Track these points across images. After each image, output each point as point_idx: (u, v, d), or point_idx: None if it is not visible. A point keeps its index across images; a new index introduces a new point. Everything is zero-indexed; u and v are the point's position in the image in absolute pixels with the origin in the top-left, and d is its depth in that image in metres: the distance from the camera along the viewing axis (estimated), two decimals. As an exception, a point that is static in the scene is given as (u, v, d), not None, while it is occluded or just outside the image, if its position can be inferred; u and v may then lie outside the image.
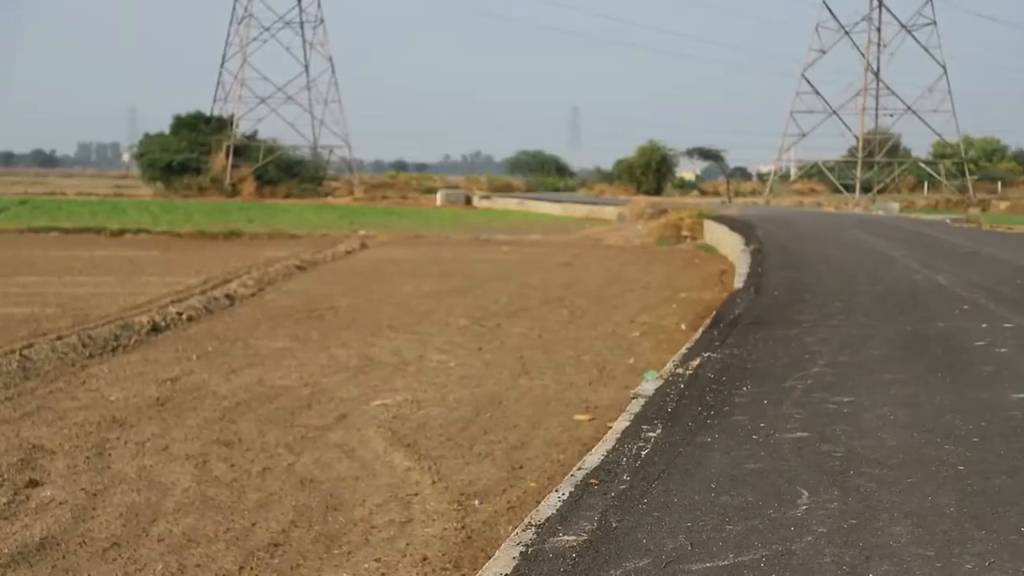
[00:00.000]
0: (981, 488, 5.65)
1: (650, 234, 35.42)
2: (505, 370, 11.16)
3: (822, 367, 9.48)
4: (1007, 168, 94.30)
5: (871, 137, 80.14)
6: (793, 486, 5.78)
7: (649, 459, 6.44)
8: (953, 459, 6.26)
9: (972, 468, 6.05)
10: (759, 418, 7.48)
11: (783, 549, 4.79)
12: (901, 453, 6.42)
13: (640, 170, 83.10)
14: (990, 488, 5.64)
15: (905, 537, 4.90)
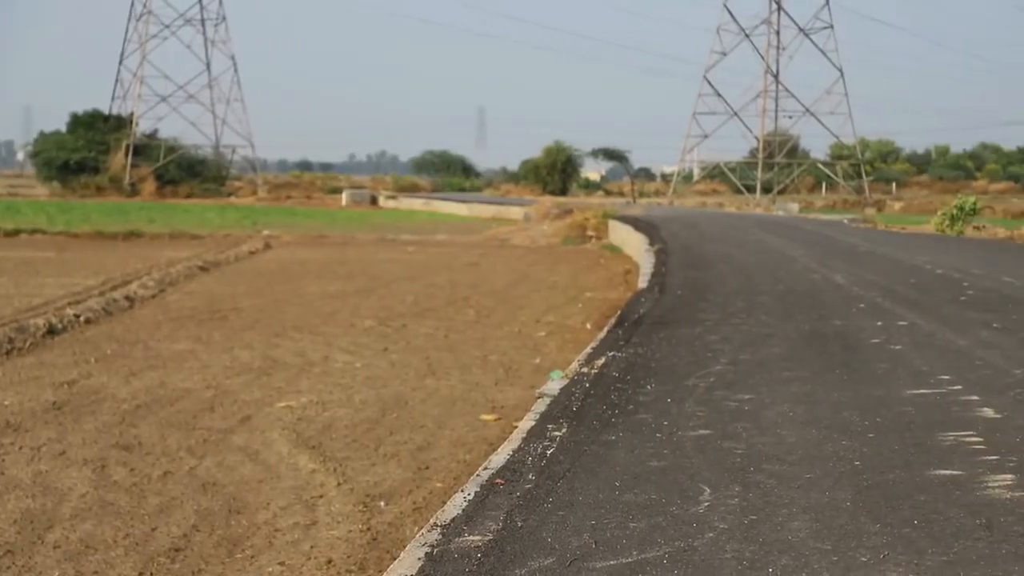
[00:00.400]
0: (876, 482, 5.78)
1: (556, 234, 35.61)
2: (411, 370, 11.13)
3: (724, 365, 9.62)
4: (901, 169, 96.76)
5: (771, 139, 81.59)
6: (696, 483, 5.86)
7: (554, 458, 6.48)
8: (850, 455, 6.40)
9: (868, 463, 6.19)
10: (663, 416, 7.57)
11: (686, 546, 4.86)
12: (800, 449, 6.55)
13: (546, 170, 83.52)
14: (885, 482, 5.78)
15: (804, 532, 5.00)
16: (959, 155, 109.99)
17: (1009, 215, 49.23)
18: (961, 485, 5.68)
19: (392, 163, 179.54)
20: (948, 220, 33.92)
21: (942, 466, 6.07)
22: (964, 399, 7.90)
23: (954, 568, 4.47)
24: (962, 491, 5.57)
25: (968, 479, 5.79)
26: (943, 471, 5.97)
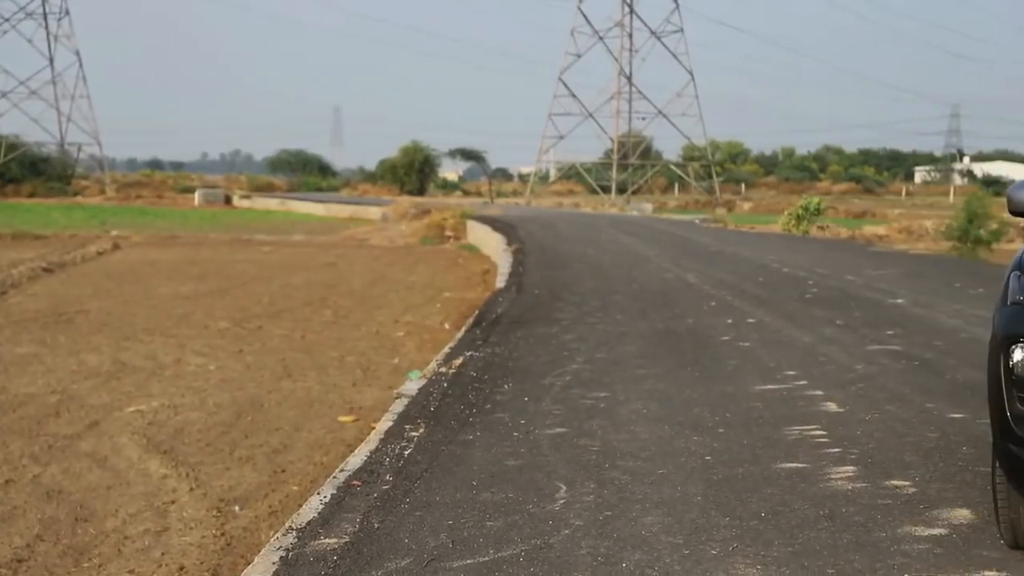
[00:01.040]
0: (726, 477, 5.93)
1: (414, 234, 35.52)
2: (267, 372, 10.97)
3: (580, 364, 9.74)
4: (750, 170, 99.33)
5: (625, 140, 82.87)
6: (552, 481, 5.92)
7: (412, 459, 6.47)
8: (701, 450, 6.55)
9: (718, 458, 6.35)
10: (520, 415, 7.63)
11: (542, 543, 4.90)
12: (653, 445, 6.67)
13: (403, 170, 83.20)
14: (734, 476, 5.93)
15: (656, 527, 5.10)
16: (804, 157, 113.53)
17: (851, 215, 50.96)
18: (806, 478, 5.87)
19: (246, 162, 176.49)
20: (794, 220, 34.95)
21: (788, 459, 6.26)
22: (809, 394, 8.16)
23: (799, 558, 4.61)
24: (807, 483, 5.75)
25: (812, 471, 5.99)
26: (789, 464, 6.16)
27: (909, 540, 4.78)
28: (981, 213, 25.81)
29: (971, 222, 25.82)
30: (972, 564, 4.47)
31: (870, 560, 4.55)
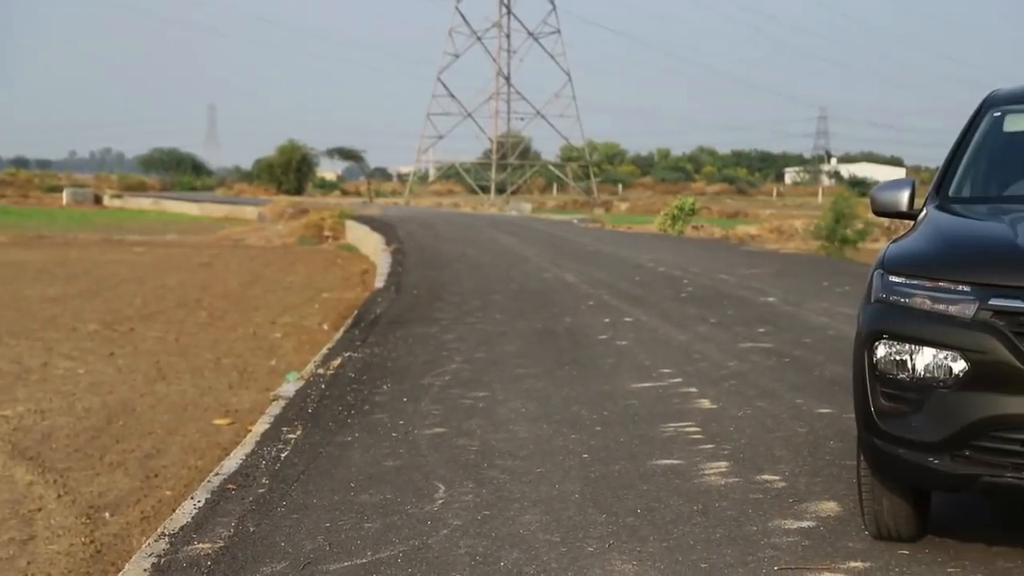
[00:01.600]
0: (603, 474, 6.00)
1: (291, 234, 35.10)
2: (139, 376, 10.72)
3: (460, 364, 9.75)
4: (627, 171, 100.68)
5: (504, 140, 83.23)
6: (430, 481, 5.92)
7: (288, 461, 6.40)
8: (579, 448, 6.61)
9: (595, 456, 6.42)
10: (398, 415, 7.60)
11: (420, 544, 4.90)
12: (531, 444, 6.72)
13: (280, 169, 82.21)
14: (611, 474, 6.01)
15: (534, 525, 5.13)
16: (679, 158, 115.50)
17: (724, 215, 52.01)
18: (681, 474, 5.97)
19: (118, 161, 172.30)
20: (670, 220, 35.51)
21: (663, 456, 6.36)
22: (684, 391, 8.30)
23: (673, 553, 4.69)
24: (681, 479, 5.85)
25: (687, 468, 6.09)
26: (664, 461, 6.26)
27: (779, 533, 4.90)
28: (847, 213, 26.59)
29: (838, 222, 26.58)
30: (838, 555, 4.60)
31: (741, 553, 4.65)
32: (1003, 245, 4.38)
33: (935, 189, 5.32)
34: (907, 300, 4.39)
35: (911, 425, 4.30)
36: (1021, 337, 4.06)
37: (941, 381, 4.22)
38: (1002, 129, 5.55)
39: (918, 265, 4.47)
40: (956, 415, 4.17)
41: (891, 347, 4.37)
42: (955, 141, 5.50)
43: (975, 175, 5.43)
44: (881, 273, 4.57)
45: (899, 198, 5.29)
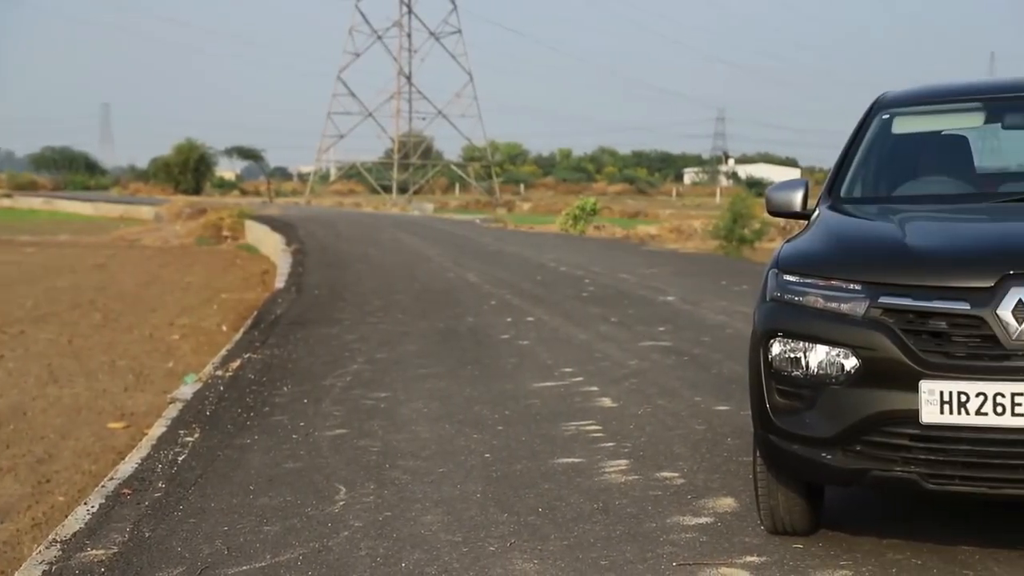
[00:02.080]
0: (505, 473, 6.02)
1: (189, 234, 34.55)
2: (31, 379, 10.46)
3: (361, 364, 9.70)
4: (529, 171, 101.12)
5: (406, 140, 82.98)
6: (332, 483, 5.87)
7: (186, 465, 6.30)
8: (480, 448, 6.62)
9: (497, 455, 6.43)
10: (299, 417, 7.53)
11: (320, 546, 4.86)
12: (433, 444, 6.70)
13: (178, 169, 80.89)
14: (512, 473, 6.02)
15: (436, 525, 5.12)
16: (581, 158, 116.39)
17: (625, 215, 52.53)
18: (582, 472, 6.01)
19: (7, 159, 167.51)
20: (571, 220, 35.75)
21: (565, 455, 6.40)
22: (585, 390, 8.36)
23: (574, 551, 4.72)
24: (583, 477, 5.89)
25: (588, 466, 6.14)
26: (566, 459, 6.29)
27: (677, 529, 4.97)
28: (744, 213, 27.06)
29: (735, 222, 27.04)
30: (735, 550, 4.67)
31: (641, 550, 4.70)
32: (892, 245, 4.50)
33: (827, 190, 5.43)
34: (800, 299, 4.47)
35: (805, 421, 4.39)
36: (909, 334, 4.16)
37: (833, 378, 4.31)
38: (891, 131, 5.69)
39: (811, 264, 4.56)
40: (848, 411, 4.26)
41: (785, 345, 4.44)
42: (846, 143, 5.63)
43: (865, 176, 5.56)
44: (775, 272, 4.65)
45: (793, 198, 5.40)
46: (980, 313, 4.07)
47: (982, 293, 4.09)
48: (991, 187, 5.53)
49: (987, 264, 4.17)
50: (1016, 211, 4.89)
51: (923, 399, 4.08)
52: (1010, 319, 4.02)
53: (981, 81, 6.33)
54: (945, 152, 5.74)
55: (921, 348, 4.13)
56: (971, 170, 5.62)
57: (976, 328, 4.08)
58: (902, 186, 5.54)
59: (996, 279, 4.09)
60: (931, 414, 4.07)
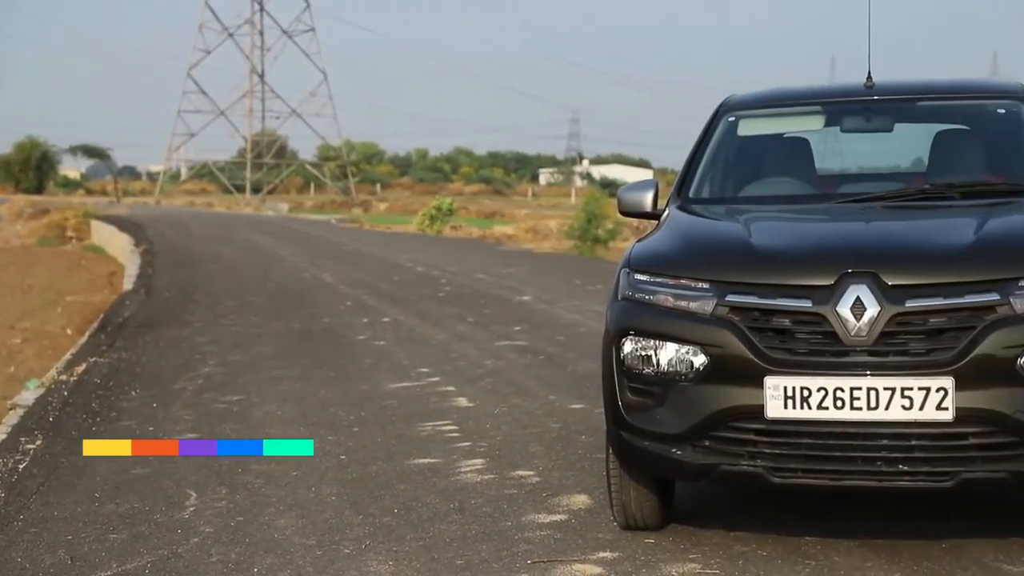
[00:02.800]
0: (360, 475, 5.97)
1: (31, 235, 33.37)
2: None
3: (213, 367, 9.51)
4: (385, 171, 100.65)
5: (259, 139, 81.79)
6: (182, 488, 5.74)
7: (27, 472, 6.08)
8: (336, 449, 6.56)
9: (352, 457, 6.38)
10: (148, 422, 7.35)
11: (169, 553, 4.75)
12: (287, 447, 6.61)
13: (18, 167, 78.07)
14: (368, 474, 5.98)
15: (289, 529, 5.06)
16: (437, 158, 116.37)
17: (481, 215, 52.73)
18: (438, 472, 6.01)
19: None
20: (428, 220, 35.75)
21: (421, 455, 6.39)
22: (441, 390, 8.36)
23: (429, 551, 4.72)
24: (439, 478, 5.89)
25: (444, 466, 6.13)
26: (422, 460, 6.28)
27: (532, 527, 5.00)
28: (598, 214, 27.47)
29: (590, 222, 27.43)
30: (588, 546, 4.73)
31: (496, 549, 4.72)
32: (738, 245, 4.61)
33: (676, 190, 5.54)
34: (651, 297, 4.55)
35: (656, 418, 4.46)
36: (755, 332, 4.27)
37: (683, 375, 4.40)
38: (736, 133, 5.83)
39: (661, 264, 4.64)
40: (697, 407, 4.35)
41: (637, 343, 4.51)
42: (694, 145, 5.75)
43: (713, 177, 5.69)
44: (627, 271, 4.72)
45: (643, 199, 5.49)
46: (821, 310, 4.20)
47: (823, 291, 4.23)
48: (831, 188, 5.72)
49: (827, 263, 4.31)
50: (855, 212, 5.07)
51: (768, 395, 4.20)
52: (849, 316, 4.16)
53: (822, 85, 6.55)
54: (788, 154, 5.92)
55: (766, 345, 4.25)
56: (812, 172, 5.81)
57: (817, 325, 4.21)
58: (748, 187, 5.68)
59: (835, 277, 4.23)
60: (775, 409, 4.19)
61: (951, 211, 4.95)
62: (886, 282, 4.19)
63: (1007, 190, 5.21)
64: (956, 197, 5.07)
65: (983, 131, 5.76)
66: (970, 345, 4.08)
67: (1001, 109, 5.70)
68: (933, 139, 5.72)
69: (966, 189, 5.15)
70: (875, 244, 4.52)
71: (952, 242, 4.38)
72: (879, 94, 5.75)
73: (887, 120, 5.87)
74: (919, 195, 5.13)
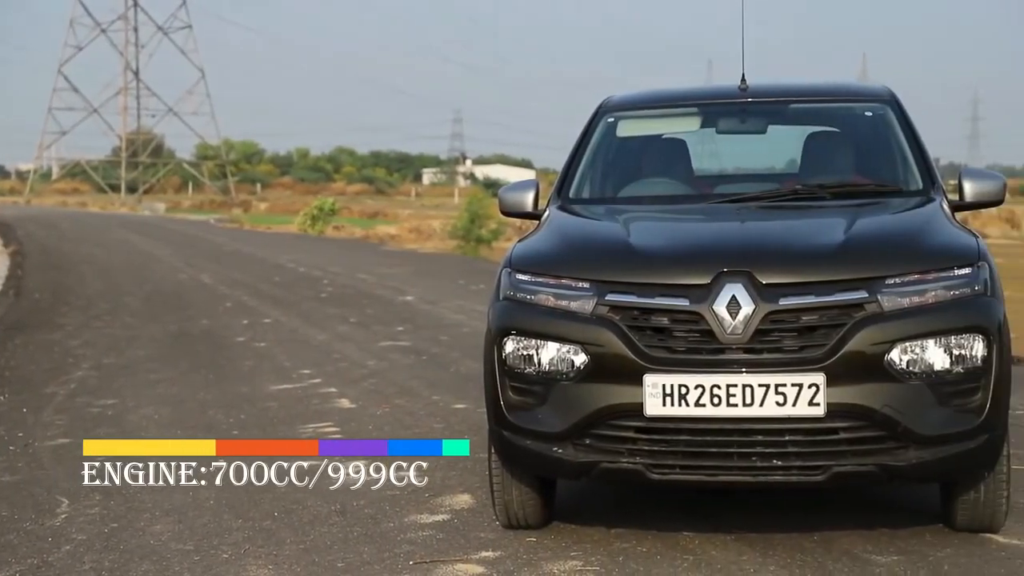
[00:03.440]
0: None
1: None
2: None
3: (87, 370, 9.28)
4: (265, 171, 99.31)
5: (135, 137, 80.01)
6: (53, 495, 5.59)
7: None
8: (214, 453, 6.44)
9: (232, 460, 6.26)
10: (17, 427, 7.13)
11: (39, 561, 4.61)
12: (164, 451, 6.47)
13: None
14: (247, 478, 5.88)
15: (166, 535, 4.96)
16: (319, 157, 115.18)
17: (364, 215, 52.36)
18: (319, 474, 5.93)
19: None
20: (310, 220, 35.41)
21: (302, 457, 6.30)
22: (323, 391, 8.28)
23: (310, 554, 4.67)
24: (320, 479, 5.82)
25: (326, 468, 6.06)
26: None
27: (415, 528, 4.99)
28: (482, 214, 27.53)
29: (473, 222, 27.47)
30: (471, 546, 4.74)
31: (378, 550, 4.70)
32: (617, 245, 4.67)
33: (557, 191, 5.57)
34: (532, 297, 4.58)
35: (537, 417, 4.49)
36: (634, 330, 4.33)
37: (564, 374, 4.43)
38: (615, 134, 5.90)
39: (541, 264, 4.67)
40: (577, 406, 4.39)
41: (518, 343, 4.53)
42: (574, 145, 5.79)
43: (593, 177, 5.74)
44: (508, 271, 4.74)
45: (524, 199, 5.52)
46: (698, 309, 4.28)
47: (699, 290, 4.30)
48: (708, 189, 5.83)
49: (704, 262, 4.39)
50: (730, 212, 5.17)
51: (647, 392, 4.25)
52: (725, 314, 4.24)
53: (699, 87, 6.67)
54: (666, 155, 6.01)
55: (645, 344, 4.30)
56: (690, 172, 5.91)
57: (695, 324, 4.28)
58: (627, 187, 5.75)
59: (712, 276, 4.31)
60: (654, 407, 4.25)
61: (822, 211, 5.08)
62: (760, 281, 4.28)
63: (875, 191, 5.37)
64: (827, 197, 5.21)
65: (852, 133, 5.93)
66: (840, 342, 4.19)
67: (869, 112, 5.87)
68: (805, 141, 5.87)
69: (836, 190, 5.29)
70: (750, 244, 4.61)
71: (823, 242, 4.49)
72: (753, 96, 5.88)
73: (761, 122, 6.00)
74: (792, 195, 5.26)
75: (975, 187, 5.24)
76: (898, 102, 5.74)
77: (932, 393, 4.23)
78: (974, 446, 4.29)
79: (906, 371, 4.22)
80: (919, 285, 4.31)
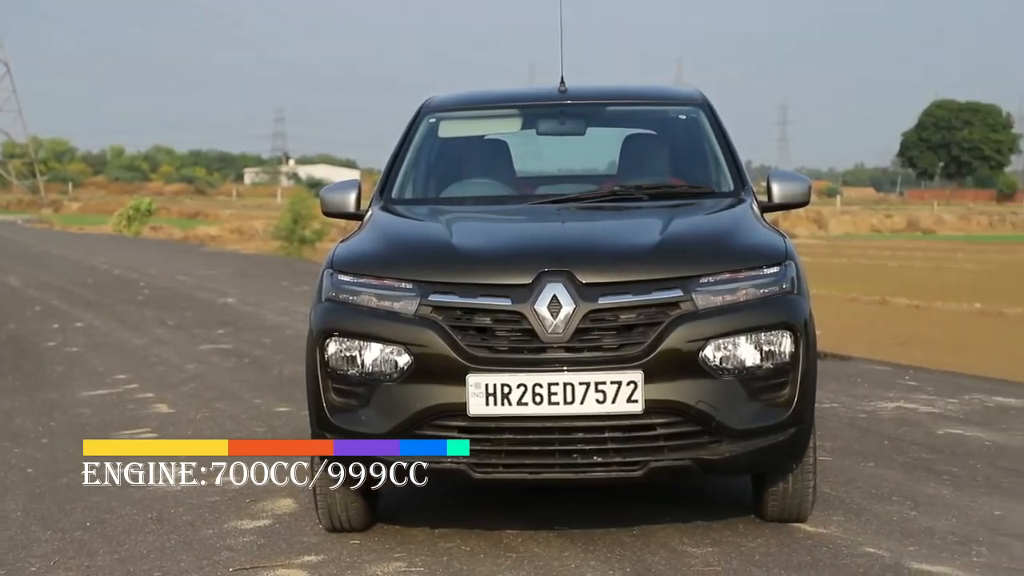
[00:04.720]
0: (49, 488, 5.66)
1: None
2: None
3: None
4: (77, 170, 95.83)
5: (-65, 133, 76.08)
6: None
7: None
8: (22, 463, 6.19)
9: (41, 470, 6.04)
10: None
11: None
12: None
13: None
14: (58, 487, 5.68)
15: (-35, 549, 4.73)
16: (134, 156, 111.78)
17: (184, 216, 51.11)
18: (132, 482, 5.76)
19: None
20: (125, 221, 34.39)
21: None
22: (140, 397, 8.05)
23: (124, 565, 4.52)
24: (132, 489, 5.63)
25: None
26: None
27: (235, 534, 4.89)
28: (305, 214, 27.21)
29: (296, 223, 27.12)
30: (293, 551, 4.67)
31: (197, 558, 4.58)
32: (439, 245, 4.67)
33: (379, 191, 5.55)
34: (355, 298, 4.54)
35: (361, 419, 4.46)
36: (458, 330, 4.34)
37: (387, 375, 4.41)
38: (437, 134, 5.91)
39: (364, 264, 4.64)
40: (401, 407, 4.38)
41: (341, 344, 4.49)
42: (396, 145, 5.78)
43: (415, 178, 5.73)
44: (330, 272, 4.69)
45: (346, 199, 5.47)
46: (520, 309, 4.32)
47: (521, 290, 4.34)
48: (530, 189, 5.89)
49: (525, 262, 4.43)
50: (551, 212, 5.23)
51: (470, 392, 4.27)
52: (546, 314, 4.30)
53: (519, 89, 6.73)
54: (488, 156, 6.04)
55: (468, 343, 4.32)
56: (512, 173, 5.95)
57: (517, 323, 4.32)
58: (449, 188, 5.76)
59: (533, 276, 4.36)
60: (477, 406, 4.27)
61: (640, 212, 5.19)
62: (580, 280, 4.35)
63: (689, 192, 5.52)
64: (644, 198, 5.33)
65: (667, 136, 6.08)
66: (657, 340, 4.29)
67: (683, 115, 6.02)
68: (622, 143, 5.99)
69: (653, 191, 5.42)
70: (570, 244, 4.68)
71: (640, 242, 4.59)
72: (572, 98, 5.97)
73: (580, 123, 6.10)
74: (611, 196, 5.35)
75: (783, 189, 5.44)
76: (710, 106, 5.92)
77: (743, 388, 4.37)
78: (783, 439, 4.45)
79: (719, 367, 4.35)
80: (730, 284, 4.44)
